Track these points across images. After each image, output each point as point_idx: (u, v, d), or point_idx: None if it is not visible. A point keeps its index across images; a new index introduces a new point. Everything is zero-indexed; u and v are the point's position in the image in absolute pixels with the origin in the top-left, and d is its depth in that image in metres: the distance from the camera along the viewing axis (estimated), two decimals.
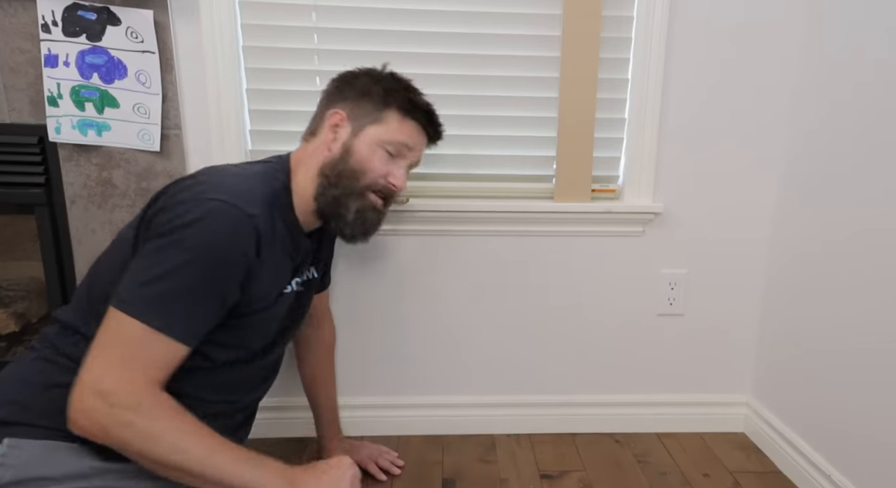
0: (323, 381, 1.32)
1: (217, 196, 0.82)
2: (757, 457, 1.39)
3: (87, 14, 1.17)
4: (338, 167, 0.97)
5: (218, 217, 0.80)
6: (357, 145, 0.98)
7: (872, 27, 1.11)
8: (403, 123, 1.01)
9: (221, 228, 0.80)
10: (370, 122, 0.99)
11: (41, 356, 0.86)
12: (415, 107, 1.02)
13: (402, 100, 1.01)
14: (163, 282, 0.78)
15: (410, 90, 1.03)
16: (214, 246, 0.80)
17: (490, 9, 1.28)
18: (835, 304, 1.20)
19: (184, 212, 0.80)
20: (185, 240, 0.79)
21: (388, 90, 1.00)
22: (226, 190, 0.84)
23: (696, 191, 1.38)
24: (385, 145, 0.99)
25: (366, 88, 1.00)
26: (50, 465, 0.78)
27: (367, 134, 0.99)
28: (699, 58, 1.31)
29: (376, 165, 0.99)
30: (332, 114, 0.99)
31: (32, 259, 1.38)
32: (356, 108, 1.00)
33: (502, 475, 1.31)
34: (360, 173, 0.98)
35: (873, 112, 1.10)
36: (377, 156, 0.99)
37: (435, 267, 1.39)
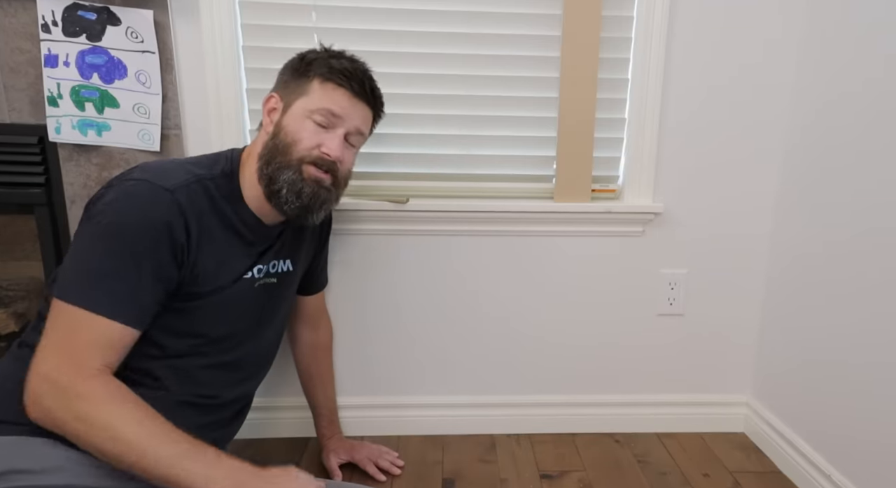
0: (321, 381, 1.33)
1: (135, 176, 0.85)
2: (757, 457, 1.39)
3: (87, 14, 1.17)
4: (270, 146, 0.97)
5: (132, 194, 0.83)
6: (286, 121, 0.97)
7: (872, 25, 1.11)
8: (325, 89, 0.97)
9: (136, 203, 0.82)
10: (297, 96, 0.98)
11: (14, 355, 0.87)
12: (334, 71, 0.98)
13: (322, 66, 0.98)
14: (87, 263, 0.80)
15: (333, 55, 1.00)
16: (129, 220, 0.81)
17: (490, 9, 1.28)
18: (835, 305, 1.20)
19: (102, 195, 0.84)
20: (102, 220, 0.81)
21: (311, 61, 0.99)
22: (146, 171, 0.87)
23: (697, 191, 1.38)
24: (311, 115, 0.96)
25: (293, 66, 1.01)
26: (25, 459, 0.78)
27: (294, 108, 0.98)
28: (699, 57, 1.31)
29: (305, 136, 0.96)
30: (267, 99, 1.00)
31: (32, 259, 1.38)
32: (286, 88, 1.00)
33: (502, 475, 1.31)
34: (290, 146, 0.95)
35: (873, 112, 1.10)
36: (306, 127, 0.96)
37: (435, 267, 1.39)
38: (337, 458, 1.29)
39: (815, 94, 1.26)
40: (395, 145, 1.33)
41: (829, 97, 1.22)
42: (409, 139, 1.34)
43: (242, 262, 0.98)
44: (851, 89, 1.16)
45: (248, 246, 0.98)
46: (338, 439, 1.33)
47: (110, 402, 0.76)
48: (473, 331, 1.44)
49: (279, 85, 1.02)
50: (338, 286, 1.38)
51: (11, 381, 0.82)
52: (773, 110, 1.34)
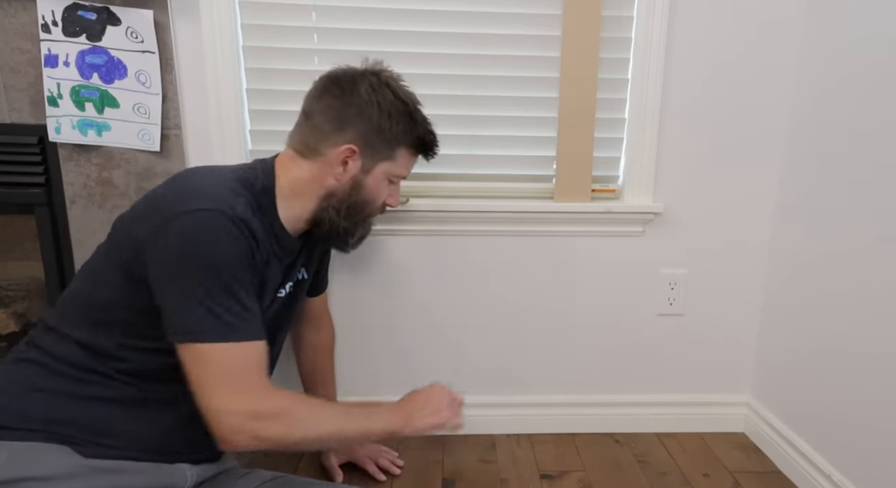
0: (323, 382, 1.33)
1: (203, 206, 0.81)
2: (757, 457, 1.39)
3: (87, 14, 1.17)
4: (347, 201, 0.99)
5: (214, 227, 0.81)
6: (368, 181, 1.00)
7: (874, 30, 1.11)
8: (412, 159, 1.05)
9: (222, 235, 0.81)
10: (381, 159, 0.99)
11: (24, 358, 0.86)
12: (426, 147, 1.05)
13: (415, 139, 1.02)
14: (208, 301, 0.80)
15: (421, 126, 1.02)
16: (225, 251, 0.81)
17: (490, 9, 1.28)
18: (835, 304, 1.20)
19: (181, 233, 0.80)
20: (201, 257, 0.80)
21: (403, 130, 0.99)
22: (207, 195, 0.83)
23: (697, 191, 1.38)
24: (391, 177, 1.03)
25: (377, 124, 0.97)
26: (32, 465, 0.78)
27: (377, 171, 1.00)
28: (699, 58, 1.31)
29: (382, 196, 1.03)
30: (346, 149, 0.95)
31: (32, 259, 1.38)
32: (368, 144, 0.97)
33: (502, 475, 1.31)
34: (368, 204, 1.02)
35: (876, 115, 1.10)
36: (383, 188, 1.03)
37: (435, 267, 1.39)
38: (337, 458, 1.29)
39: (817, 96, 1.26)
40: None
41: (831, 99, 1.22)
42: None
43: (276, 279, 0.98)
44: (852, 90, 1.16)
45: (279, 261, 0.98)
46: None
47: (300, 405, 0.88)
48: (473, 331, 1.44)
49: (352, 129, 0.96)
50: (338, 286, 1.38)
51: (21, 386, 0.82)
52: (773, 110, 1.34)
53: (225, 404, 0.80)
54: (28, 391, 0.82)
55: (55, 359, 0.84)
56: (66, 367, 0.84)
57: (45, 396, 0.82)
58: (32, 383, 0.83)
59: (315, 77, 1.28)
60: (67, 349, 0.85)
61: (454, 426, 0.99)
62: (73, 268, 1.30)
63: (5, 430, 0.80)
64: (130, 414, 0.86)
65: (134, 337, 0.86)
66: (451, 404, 1.00)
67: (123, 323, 0.85)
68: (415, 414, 0.96)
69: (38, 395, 0.82)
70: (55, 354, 0.85)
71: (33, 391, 0.82)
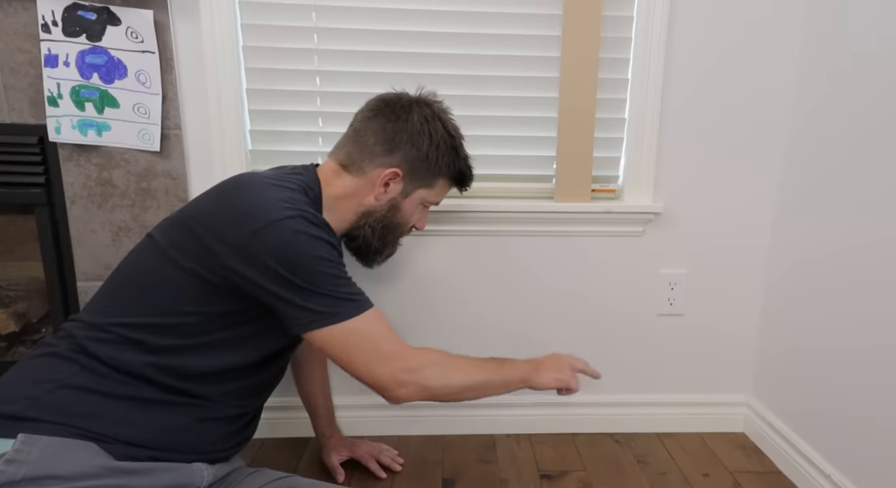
0: (320, 382, 1.33)
1: (289, 213, 0.85)
2: (757, 457, 1.39)
3: (87, 14, 1.17)
4: (383, 221, 1.05)
5: (305, 229, 0.85)
6: (405, 204, 1.05)
7: (875, 30, 1.11)
8: (446, 186, 1.10)
9: (314, 233, 0.86)
10: (421, 185, 1.05)
11: (57, 352, 0.86)
12: (464, 179, 1.10)
13: (456, 172, 1.08)
14: (330, 287, 0.86)
15: (463, 162, 1.08)
16: (321, 246, 0.86)
17: (490, 9, 1.28)
18: (835, 304, 1.20)
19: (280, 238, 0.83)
20: (303, 255, 0.84)
21: (447, 163, 1.05)
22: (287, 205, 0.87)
23: (697, 192, 1.38)
24: (426, 203, 1.09)
25: (425, 152, 1.02)
26: (61, 463, 0.79)
27: (415, 196, 1.05)
28: (699, 57, 1.31)
29: (414, 219, 1.09)
30: (391, 172, 1.00)
31: (32, 259, 1.38)
32: (412, 170, 1.02)
33: (502, 475, 1.31)
34: (401, 226, 1.08)
35: (875, 114, 1.10)
36: (417, 211, 1.08)
37: (435, 267, 1.39)
38: (338, 456, 1.29)
39: (817, 96, 1.26)
40: None
41: (832, 99, 1.22)
42: None
43: None
44: (852, 91, 1.16)
45: None
46: (337, 437, 1.33)
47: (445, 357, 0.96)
48: (473, 331, 1.44)
49: (399, 153, 1.00)
50: None
51: (57, 383, 0.83)
52: (774, 110, 1.34)
53: (382, 369, 0.88)
54: (59, 386, 0.83)
55: (86, 355, 0.85)
56: (97, 364, 0.85)
57: (74, 392, 0.83)
58: (63, 378, 0.83)
59: (315, 77, 1.29)
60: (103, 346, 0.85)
61: (572, 389, 1.03)
62: (73, 268, 1.30)
63: (39, 423, 0.81)
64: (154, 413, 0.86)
65: (190, 336, 0.87)
66: (571, 369, 1.05)
67: (185, 324, 0.87)
68: (543, 369, 1.02)
69: (68, 390, 0.83)
70: (87, 350, 0.85)
71: (63, 386, 0.83)
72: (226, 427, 0.95)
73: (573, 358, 1.06)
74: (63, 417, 0.81)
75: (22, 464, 0.77)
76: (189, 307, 0.87)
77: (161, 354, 0.86)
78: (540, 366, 1.02)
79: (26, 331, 1.47)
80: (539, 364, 1.02)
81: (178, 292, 0.86)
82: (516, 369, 1.00)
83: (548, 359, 1.05)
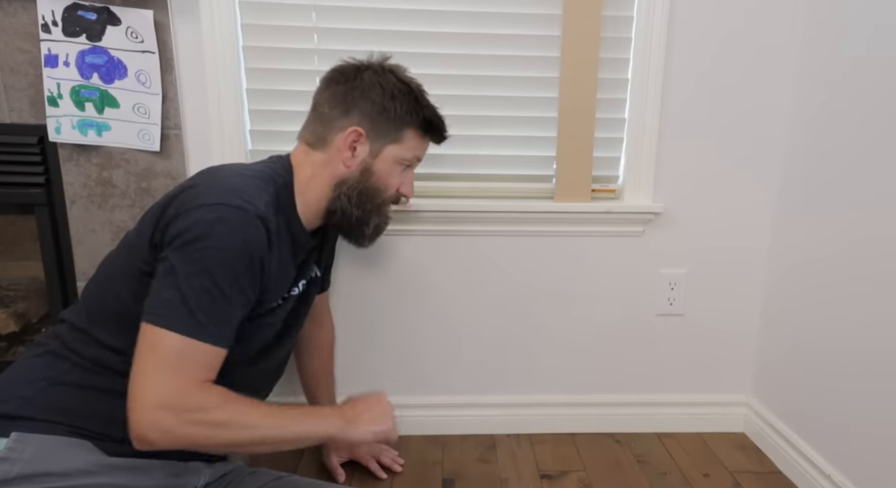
0: (326, 381, 1.33)
1: (225, 200, 0.82)
2: (757, 457, 1.39)
3: (87, 14, 1.17)
4: (358, 187, 0.99)
5: (230, 221, 0.81)
6: (377, 166, 1.00)
7: (875, 30, 1.11)
8: (420, 141, 1.04)
9: (236, 232, 0.81)
10: (389, 141, 0.99)
11: (49, 351, 0.87)
12: (433, 128, 1.05)
13: (421, 121, 1.02)
14: (190, 292, 0.78)
15: (426, 108, 1.03)
16: (233, 250, 0.80)
17: (490, 9, 1.28)
18: (835, 304, 1.20)
19: (196, 222, 0.80)
20: (204, 249, 0.79)
21: (408, 111, 1.00)
22: (232, 192, 0.84)
23: (696, 192, 1.38)
24: (402, 162, 1.02)
25: (382, 105, 0.98)
26: (55, 461, 0.79)
27: (386, 154, 1.00)
28: (699, 57, 1.31)
29: (393, 182, 1.02)
30: (351, 131, 0.97)
31: (32, 259, 1.38)
32: (374, 126, 0.98)
33: (502, 475, 1.31)
34: (380, 191, 1.01)
35: (875, 115, 1.10)
36: (394, 173, 1.02)
37: (435, 267, 1.39)
38: (338, 457, 1.29)
39: (818, 96, 1.26)
40: None
41: (832, 99, 1.22)
42: None
43: (290, 276, 0.98)
44: (853, 88, 1.16)
45: (293, 258, 0.98)
46: None
47: (231, 404, 0.82)
48: (473, 331, 1.44)
49: (357, 113, 0.97)
50: (339, 286, 1.38)
51: (48, 381, 0.83)
52: (774, 109, 1.34)
53: (156, 397, 0.76)
54: (52, 384, 0.83)
55: (77, 353, 0.85)
56: (88, 363, 0.85)
57: (67, 390, 0.83)
58: (56, 376, 0.84)
59: (315, 77, 1.29)
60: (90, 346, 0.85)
61: (391, 440, 0.97)
62: (73, 268, 1.30)
63: (32, 422, 0.81)
64: None
65: None
66: (392, 418, 0.97)
67: None
68: (358, 419, 0.93)
69: (61, 389, 0.83)
70: (77, 349, 0.85)
71: (56, 384, 0.83)
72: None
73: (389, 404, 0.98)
74: (56, 415, 0.81)
75: (15, 463, 0.77)
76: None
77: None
78: (355, 418, 0.93)
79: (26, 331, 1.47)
80: (354, 415, 0.93)
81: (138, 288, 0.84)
82: (324, 422, 0.91)
83: (364, 408, 0.95)
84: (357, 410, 0.94)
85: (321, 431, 0.90)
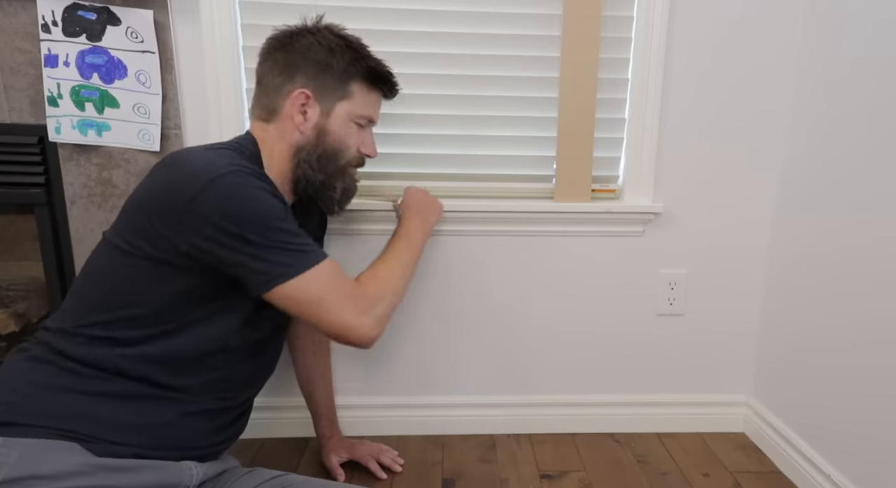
0: (323, 380, 1.32)
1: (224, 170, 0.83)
2: (757, 457, 1.39)
3: (87, 14, 1.17)
4: (316, 151, 0.98)
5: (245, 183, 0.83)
6: (331, 126, 0.99)
7: (874, 25, 1.11)
8: (370, 95, 1.03)
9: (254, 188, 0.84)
10: (338, 98, 0.98)
11: (32, 355, 0.86)
12: (378, 79, 1.03)
13: (366, 71, 1.01)
14: (278, 242, 0.84)
15: (369, 58, 1.01)
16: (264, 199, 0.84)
17: (490, 9, 1.28)
18: (835, 304, 1.20)
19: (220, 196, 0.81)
20: (247, 212, 0.82)
21: (349, 62, 0.98)
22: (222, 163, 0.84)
23: (696, 192, 1.38)
24: (356, 119, 1.01)
25: (324, 62, 0.97)
26: (43, 463, 0.78)
27: (338, 112, 0.99)
28: (699, 57, 1.31)
29: (351, 142, 1.02)
30: (298, 94, 0.96)
31: (32, 259, 1.38)
32: (319, 84, 0.97)
33: (502, 475, 1.31)
34: (339, 152, 1.01)
35: (874, 113, 1.10)
36: (350, 132, 1.01)
37: (435, 267, 1.39)
38: (337, 457, 1.29)
39: (817, 96, 1.26)
40: (396, 145, 1.34)
41: (832, 98, 1.22)
42: (409, 139, 1.34)
43: None
44: (854, 91, 1.16)
45: None
46: (337, 438, 1.33)
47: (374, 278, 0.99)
48: (473, 331, 1.44)
49: (299, 74, 0.97)
50: None
51: (34, 386, 0.83)
52: (774, 109, 1.34)
53: (348, 315, 0.89)
54: (37, 389, 0.82)
55: (63, 356, 0.84)
56: (75, 364, 0.84)
57: (53, 393, 0.82)
58: (41, 381, 0.83)
59: None
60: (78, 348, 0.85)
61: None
62: (73, 268, 1.30)
63: (17, 427, 0.80)
64: (136, 409, 0.86)
65: (156, 323, 0.86)
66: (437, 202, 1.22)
67: (147, 312, 0.85)
68: (426, 217, 1.18)
69: (46, 393, 0.82)
70: (64, 352, 0.85)
71: (42, 388, 0.82)
72: (211, 421, 0.93)
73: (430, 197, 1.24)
74: (44, 420, 0.80)
75: (1, 467, 0.76)
76: (147, 292, 0.85)
77: (133, 346, 0.85)
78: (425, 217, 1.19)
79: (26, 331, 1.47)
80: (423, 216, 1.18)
81: (135, 279, 0.85)
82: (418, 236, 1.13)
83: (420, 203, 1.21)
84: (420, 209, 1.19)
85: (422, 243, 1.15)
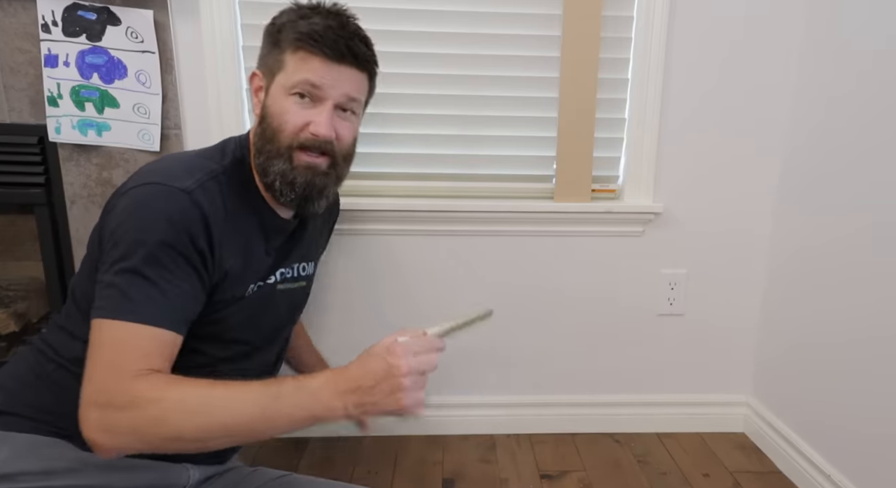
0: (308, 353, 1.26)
1: (147, 180, 0.77)
2: (757, 457, 1.39)
3: (87, 14, 1.17)
4: (258, 132, 0.87)
5: (150, 198, 0.75)
6: (269, 102, 0.86)
7: (873, 20, 1.11)
8: (299, 59, 0.84)
9: (157, 207, 0.75)
10: (275, 71, 0.85)
11: (33, 348, 0.87)
12: (304, 36, 0.83)
13: (291, 31, 0.84)
14: (121, 277, 0.73)
15: (303, 16, 0.85)
16: (155, 229, 0.74)
17: (490, 9, 1.28)
18: (835, 305, 1.20)
19: (121, 208, 0.77)
20: (127, 231, 0.74)
21: (281, 26, 0.85)
22: (156, 172, 0.79)
23: (696, 191, 1.38)
24: (292, 92, 0.84)
25: (270, 41, 0.87)
26: (34, 460, 0.78)
27: (274, 86, 0.85)
28: (699, 57, 1.31)
29: (290, 118, 0.84)
30: (251, 77, 0.89)
31: (32, 259, 1.38)
32: (264, 63, 0.88)
33: (502, 475, 1.31)
34: (277, 132, 0.84)
35: (873, 112, 1.10)
36: (288, 107, 0.84)
37: (435, 267, 1.39)
38: None
39: (816, 95, 1.26)
40: (395, 145, 1.34)
41: (830, 97, 1.22)
42: (409, 139, 1.34)
43: (264, 261, 0.92)
44: (852, 89, 1.16)
45: (266, 241, 0.91)
46: None
47: (167, 387, 0.69)
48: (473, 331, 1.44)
49: (259, 59, 0.90)
50: (337, 286, 1.38)
51: (31, 375, 0.83)
52: (773, 109, 1.34)
53: (93, 393, 0.68)
54: (36, 379, 0.83)
55: (59, 354, 0.85)
56: (69, 363, 0.84)
57: (50, 388, 0.83)
58: (40, 373, 0.83)
59: None
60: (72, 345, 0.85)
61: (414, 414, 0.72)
62: (73, 268, 1.30)
63: (12, 417, 0.80)
64: None
65: None
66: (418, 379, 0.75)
67: None
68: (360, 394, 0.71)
69: (44, 386, 0.82)
70: (55, 345, 0.85)
71: (40, 380, 0.83)
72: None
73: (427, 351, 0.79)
74: (38, 413, 0.80)
75: None
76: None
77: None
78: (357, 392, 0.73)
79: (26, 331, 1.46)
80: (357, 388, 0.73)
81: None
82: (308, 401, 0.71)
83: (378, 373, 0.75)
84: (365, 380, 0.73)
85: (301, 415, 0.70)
